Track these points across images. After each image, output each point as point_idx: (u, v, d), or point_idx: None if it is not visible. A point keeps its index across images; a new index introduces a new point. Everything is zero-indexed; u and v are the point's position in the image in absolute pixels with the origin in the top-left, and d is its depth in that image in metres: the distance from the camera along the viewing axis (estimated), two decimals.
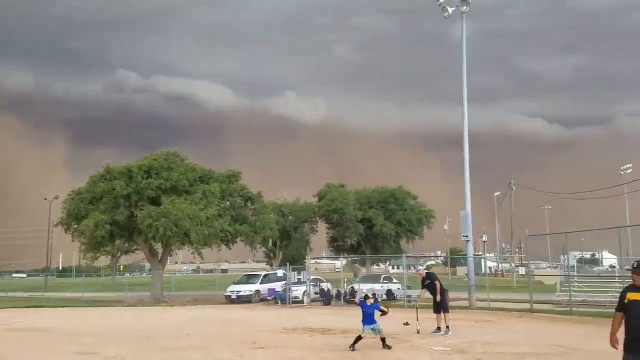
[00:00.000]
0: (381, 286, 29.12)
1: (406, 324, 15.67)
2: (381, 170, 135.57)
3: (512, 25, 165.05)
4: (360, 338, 11.92)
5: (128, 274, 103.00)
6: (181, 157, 36.09)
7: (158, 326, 18.36)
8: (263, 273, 35.62)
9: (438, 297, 14.81)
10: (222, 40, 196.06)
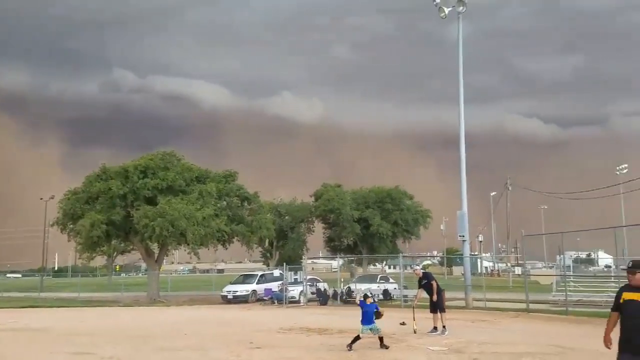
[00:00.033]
0: (378, 286, 29.11)
1: (403, 324, 15.71)
2: (378, 170, 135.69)
3: (508, 25, 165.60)
4: (358, 338, 11.93)
5: (124, 274, 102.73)
6: (177, 157, 36.04)
7: (154, 326, 18.33)
8: (260, 273, 35.61)
9: (435, 297, 14.85)
10: (219, 40, 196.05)
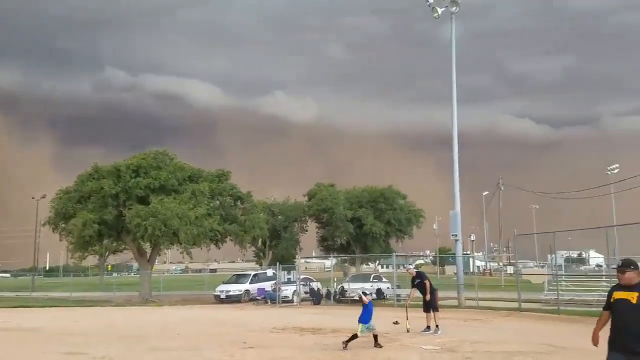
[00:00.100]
0: (371, 285, 29.15)
1: (396, 323, 15.73)
2: (371, 169, 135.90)
3: (501, 26, 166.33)
4: (356, 337, 11.92)
5: (116, 274, 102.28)
6: (170, 156, 35.95)
7: (147, 326, 18.26)
8: (253, 273, 35.56)
9: (428, 296, 14.90)
10: (212, 39, 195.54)
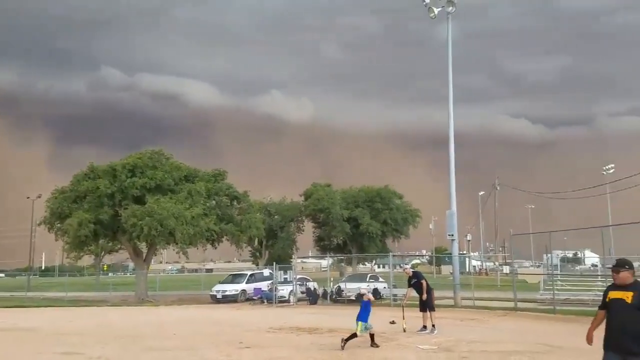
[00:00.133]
0: (367, 285, 29.12)
1: (392, 323, 15.74)
2: (367, 169, 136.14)
3: (496, 26, 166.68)
4: (355, 336, 11.92)
5: (111, 274, 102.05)
6: (166, 156, 35.86)
7: (143, 326, 18.22)
8: (249, 272, 35.53)
9: (424, 296, 14.92)
10: (209, 39, 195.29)
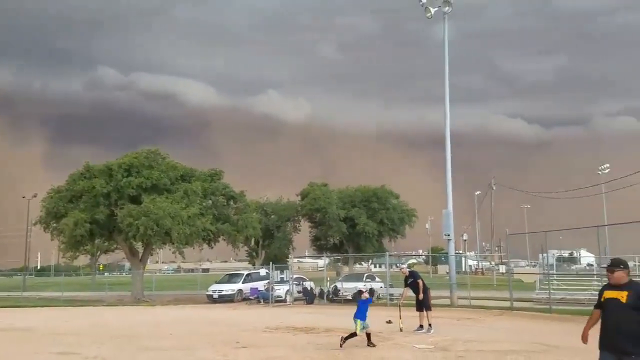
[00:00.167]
0: (364, 285, 29.17)
1: (389, 322, 15.75)
2: (364, 169, 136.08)
3: (493, 26, 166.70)
4: (355, 335, 11.92)
5: (107, 274, 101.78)
6: (162, 156, 35.80)
7: (139, 326, 18.19)
8: (245, 272, 35.51)
9: (421, 296, 14.94)
10: (206, 38, 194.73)
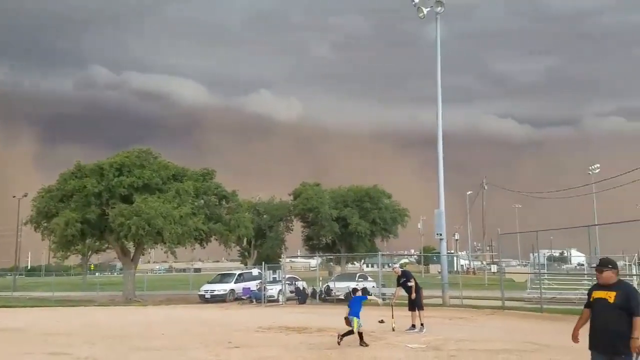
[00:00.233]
0: (356, 284, 29.20)
1: (381, 322, 15.74)
2: (356, 169, 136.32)
3: (486, 27, 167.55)
4: (352, 332, 11.93)
5: (98, 274, 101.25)
6: (154, 155, 35.65)
7: (131, 326, 18.11)
8: (238, 272, 35.42)
9: (413, 295, 14.97)
10: (198, 38, 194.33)
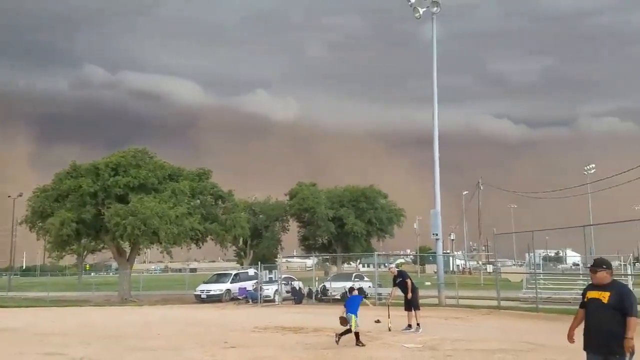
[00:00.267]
0: (352, 284, 29.19)
1: (378, 322, 15.75)
2: (352, 169, 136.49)
3: (480, 27, 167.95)
4: (350, 331, 11.92)
5: (94, 274, 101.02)
6: (150, 155, 35.54)
7: (126, 326, 18.06)
8: (234, 272, 35.35)
9: (409, 295, 14.98)
10: (194, 37, 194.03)
